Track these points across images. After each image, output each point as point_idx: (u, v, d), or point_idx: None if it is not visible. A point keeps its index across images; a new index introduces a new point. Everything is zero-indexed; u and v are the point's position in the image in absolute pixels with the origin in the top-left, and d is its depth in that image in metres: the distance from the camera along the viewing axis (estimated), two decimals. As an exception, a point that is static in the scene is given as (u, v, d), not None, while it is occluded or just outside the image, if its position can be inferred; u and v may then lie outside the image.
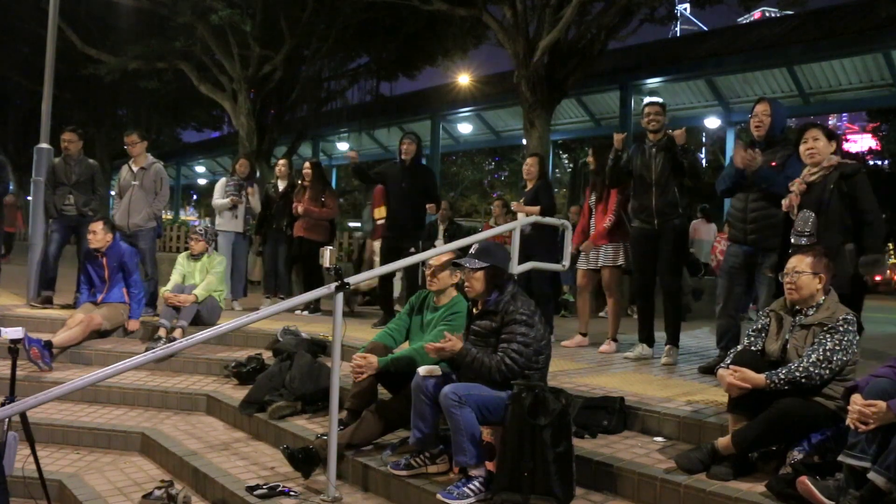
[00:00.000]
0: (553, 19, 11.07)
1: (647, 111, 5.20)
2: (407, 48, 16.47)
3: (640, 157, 5.22)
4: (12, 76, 18.84)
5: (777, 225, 4.31)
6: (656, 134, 5.19)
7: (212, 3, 12.78)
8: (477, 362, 3.28)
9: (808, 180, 3.89)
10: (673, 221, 5.08)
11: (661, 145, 5.13)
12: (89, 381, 3.27)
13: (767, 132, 4.47)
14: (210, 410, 5.03)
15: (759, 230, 4.44)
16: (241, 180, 7.65)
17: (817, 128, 3.91)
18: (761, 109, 4.49)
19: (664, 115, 5.19)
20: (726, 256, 4.76)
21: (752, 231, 4.48)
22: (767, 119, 4.46)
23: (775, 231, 4.34)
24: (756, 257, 4.49)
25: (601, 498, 3.18)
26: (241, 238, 7.65)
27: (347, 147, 23.49)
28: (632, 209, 5.33)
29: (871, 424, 2.56)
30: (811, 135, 3.88)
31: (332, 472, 3.42)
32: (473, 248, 3.57)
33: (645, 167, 5.18)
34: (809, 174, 3.89)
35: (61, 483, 4.06)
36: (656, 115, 5.16)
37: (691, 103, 15.98)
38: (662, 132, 5.18)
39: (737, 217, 4.59)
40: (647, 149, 5.20)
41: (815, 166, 3.87)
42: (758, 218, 4.44)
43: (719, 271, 4.87)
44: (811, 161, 3.88)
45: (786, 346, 3.18)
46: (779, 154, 4.41)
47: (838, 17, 13.49)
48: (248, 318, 3.59)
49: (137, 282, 6.22)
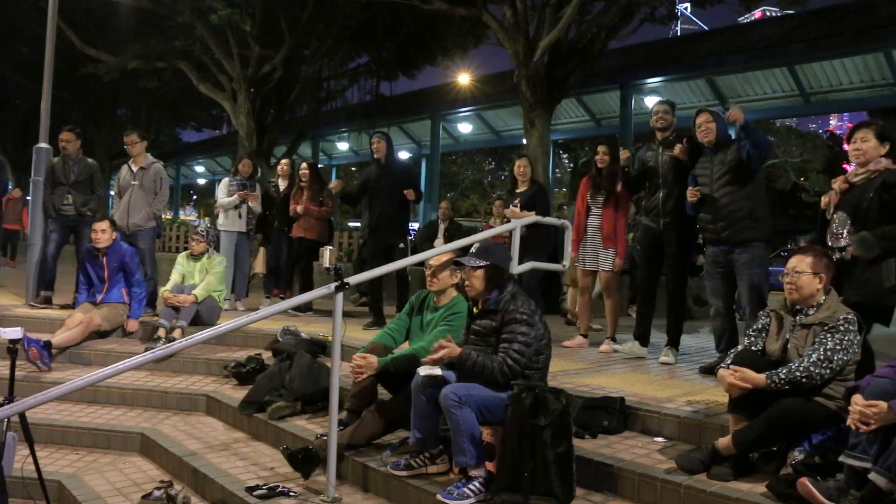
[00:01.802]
0: (553, 19, 11.07)
1: (656, 109, 5.28)
2: (407, 48, 16.47)
3: (650, 158, 5.25)
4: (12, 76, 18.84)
5: (746, 217, 4.48)
6: (664, 132, 5.23)
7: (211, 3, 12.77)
8: (479, 366, 3.27)
9: (851, 180, 3.72)
10: (678, 222, 5.06)
11: (668, 144, 5.15)
12: (89, 381, 3.27)
13: (716, 137, 4.67)
14: (210, 411, 5.03)
15: (730, 225, 4.54)
16: (243, 180, 7.63)
17: (868, 127, 3.69)
18: (704, 119, 4.74)
19: (672, 115, 5.26)
20: (707, 258, 4.84)
21: (723, 228, 4.58)
22: (712, 125, 4.69)
23: (747, 221, 4.49)
24: (733, 254, 4.56)
25: (601, 498, 3.17)
26: (244, 238, 7.63)
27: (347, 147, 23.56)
28: (644, 207, 5.38)
29: (872, 425, 2.55)
30: (860, 135, 3.70)
31: (332, 473, 3.41)
32: (474, 248, 3.57)
33: (654, 167, 5.20)
34: (854, 174, 3.73)
35: (60, 483, 4.05)
36: (664, 113, 5.22)
37: (691, 103, 15.95)
38: (671, 131, 5.23)
39: (707, 220, 4.70)
40: (656, 148, 5.24)
41: (862, 167, 3.70)
42: (727, 213, 4.55)
43: (706, 274, 4.91)
44: (857, 162, 3.74)
45: (786, 346, 3.17)
46: (729, 151, 4.62)
47: (839, 16, 13.49)
48: (248, 318, 3.58)
49: (140, 281, 6.22)
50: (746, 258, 4.50)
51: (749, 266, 4.49)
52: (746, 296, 4.53)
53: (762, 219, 4.54)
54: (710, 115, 4.72)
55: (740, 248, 4.52)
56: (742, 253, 4.51)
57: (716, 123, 4.67)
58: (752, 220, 4.49)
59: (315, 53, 15.93)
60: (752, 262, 4.49)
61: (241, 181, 7.62)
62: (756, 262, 4.50)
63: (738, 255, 4.53)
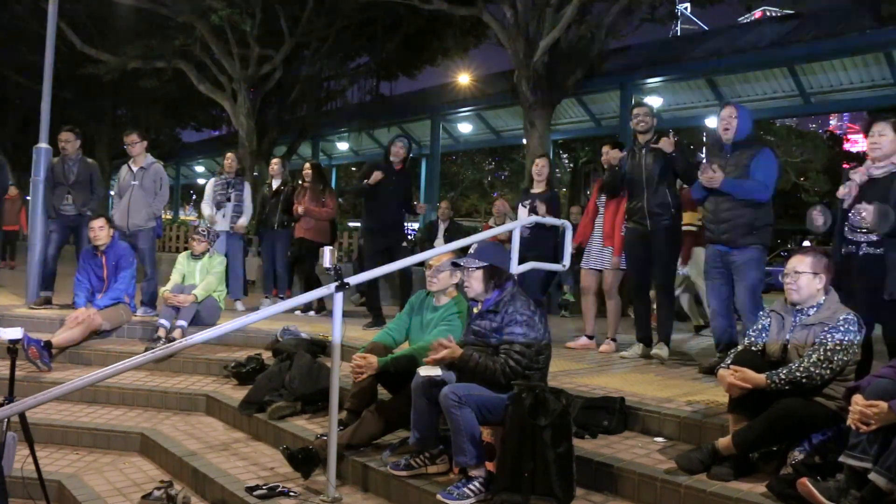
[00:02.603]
0: (553, 19, 11.09)
1: (636, 112, 5.30)
2: (407, 48, 16.49)
3: (632, 159, 5.29)
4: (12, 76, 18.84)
5: (748, 223, 4.49)
6: (645, 135, 5.26)
7: (211, 3, 12.78)
8: (481, 367, 3.27)
9: (873, 174, 3.76)
10: (664, 222, 5.11)
11: (650, 146, 5.17)
12: (89, 381, 3.27)
13: (735, 134, 4.59)
14: (210, 411, 5.02)
15: (730, 229, 4.54)
16: (229, 179, 7.62)
17: (886, 122, 3.75)
18: (728, 113, 4.62)
19: (652, 117, 5.28)
20: (706, 257, 4.83)
21: (724, 231, 4.57)
22: (734, 122, 4.57)
23: (746, 228, 4.50)
24: (731, 255, 4.57)
25: (601, 498, 3.17)
26: (234, 238, 7.62)
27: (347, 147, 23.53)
28: (627, 210, 5.39)
29: (872, 425, 2.55)
30: (877, 129, 3.76)
31: (332, 473, 3.41)
32: (473, 248, 3.57)
33: (636, 169, 5.22)
34: (876, 168, 3.76)
35: (60, 483, 4.05)
36: (644, 115, 5.25)
37: (691, 103, 15.98)
38: (651, 133, 5.25)
39: (710, 219, 4.69)
40: (637, 150, 5.26)
41: (880, 160, 3.74)
42: (728, 218, 4.54)
43: (704, 274, 4.92)
44: (874, 155, 3.78)
45: (786, 346, 3.17)
46: (747, 154, 4.55)
47: (839, 16, 13.48)
48: (248, 318, 3.58)
49: (125, 278, 6.13)
50: (743, 259, 4.51)
51: (745, 267, 4.50)
52: (741, 297, 4.54)
53: (762, 228, 4.54)
54: (735, 111, 4.61)
55: (738, 250, 4.54)
56: (739, 255, 4.53)
57: (738, 121, 4.56)
58: (752, 227, 4.50)
59: (315, 53, 15.95)
60: (749, 264, 4.50)
61: (226, 180, 7.61)
62: (752, 263, 4.51)
63: (736, 257, 4.55)
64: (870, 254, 3.73)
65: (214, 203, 7.55)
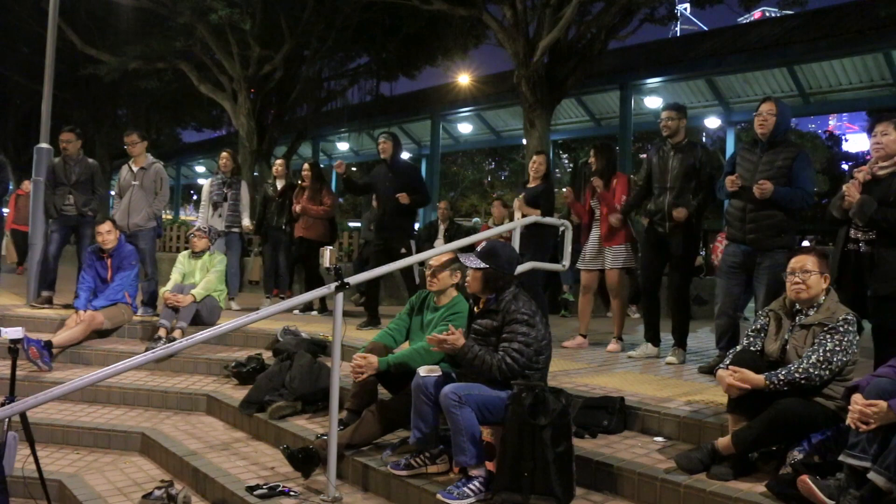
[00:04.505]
0: (553, 19, 11.07)
1: (663, 116, 5.15)
2: (407, 48, 16.47)
3: (658, 159, 5.18)
4: (12, 76, 18.82)
5: (776, 226, 4.34)
6: (674, 138, 5.13)
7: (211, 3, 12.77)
8: (478, 360, 3.28)
9: (876, 173, 3.75)
10: (684, 225, 5.02)
11: (679, 148, 5.08)
12: (89, 381, 3.27)
13: (772, 132, 4.42)
14: (210, 410, 5.03)
15: (758, 230, 4.42)
16: (225, 178, 7.63)
17: (889, 121, 3.75)
18: (767, 108, 4.43)
19: (678, 120, 5.11)
20: (724, 256, 4.73)
21: (751, 231, 4.45)
22: (773, 118, 4.40)
23: (774, 230, 4.35)
24: (755, 257, 4.46)
25: (601, 498, 3.18)
26: (232, 237, 7.64)
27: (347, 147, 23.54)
28: (646, 211, 5.31)
29: (871, 424, 2.56)
30: (881, 129, 3.75)
31: (332, 472, 3.42)
32: (481, 246, 3.56)
33: (662, 169, 5.13)
34: (878, 167, 3.75)
35: (61, 483, 4.06)
36: (668, 119, 5.10)
37: (691, 103, 15.96)
38: (681, 135, 5.13)
39: (735, 216, 4.55)
40: (665, 151, 5.15)
41: (885, 160, 3.73)
42: (757, 217, 4.41)
43: (718, 271, 4.86)
44: (877, 155, 3.77)
45: (785, 347, 3.18)
46: (782, 155, 4.39)
47: (838, 16, 13.49)
48: (248, 318, 3.59)
49: (125, 277, 6.14)
50: (768, 263, 4.39)
51: (770, 270, 4.37)
52: (763, 299, 4.41)
53: (789, 230, 4.44)
54: (775, 107, 4.42)
55: (762, 253, 4.42)
56: (764, 258, 4.41)
57: (776, 118, 4.39)
58: (780, 229, 4.38)
59: (315, 54, 15.92)
60: (773, 268, 4.34)
61: (223, 179, 7.63)
62: (777, 267, 4.34)
63: (760, 259, 4.43)
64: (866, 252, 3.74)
65: (211, 203, 7.57)
